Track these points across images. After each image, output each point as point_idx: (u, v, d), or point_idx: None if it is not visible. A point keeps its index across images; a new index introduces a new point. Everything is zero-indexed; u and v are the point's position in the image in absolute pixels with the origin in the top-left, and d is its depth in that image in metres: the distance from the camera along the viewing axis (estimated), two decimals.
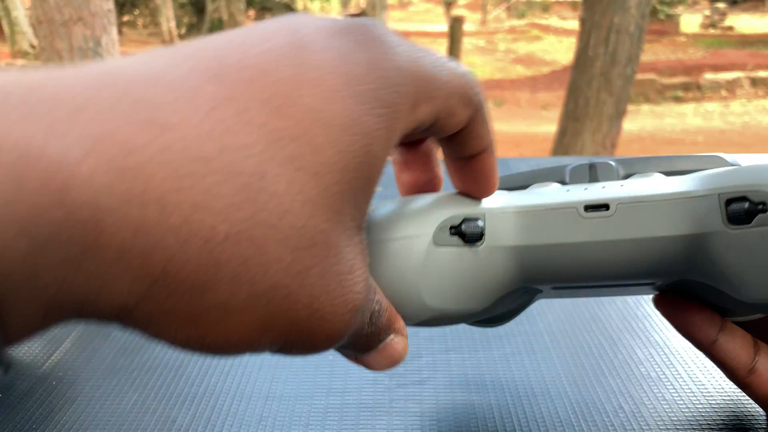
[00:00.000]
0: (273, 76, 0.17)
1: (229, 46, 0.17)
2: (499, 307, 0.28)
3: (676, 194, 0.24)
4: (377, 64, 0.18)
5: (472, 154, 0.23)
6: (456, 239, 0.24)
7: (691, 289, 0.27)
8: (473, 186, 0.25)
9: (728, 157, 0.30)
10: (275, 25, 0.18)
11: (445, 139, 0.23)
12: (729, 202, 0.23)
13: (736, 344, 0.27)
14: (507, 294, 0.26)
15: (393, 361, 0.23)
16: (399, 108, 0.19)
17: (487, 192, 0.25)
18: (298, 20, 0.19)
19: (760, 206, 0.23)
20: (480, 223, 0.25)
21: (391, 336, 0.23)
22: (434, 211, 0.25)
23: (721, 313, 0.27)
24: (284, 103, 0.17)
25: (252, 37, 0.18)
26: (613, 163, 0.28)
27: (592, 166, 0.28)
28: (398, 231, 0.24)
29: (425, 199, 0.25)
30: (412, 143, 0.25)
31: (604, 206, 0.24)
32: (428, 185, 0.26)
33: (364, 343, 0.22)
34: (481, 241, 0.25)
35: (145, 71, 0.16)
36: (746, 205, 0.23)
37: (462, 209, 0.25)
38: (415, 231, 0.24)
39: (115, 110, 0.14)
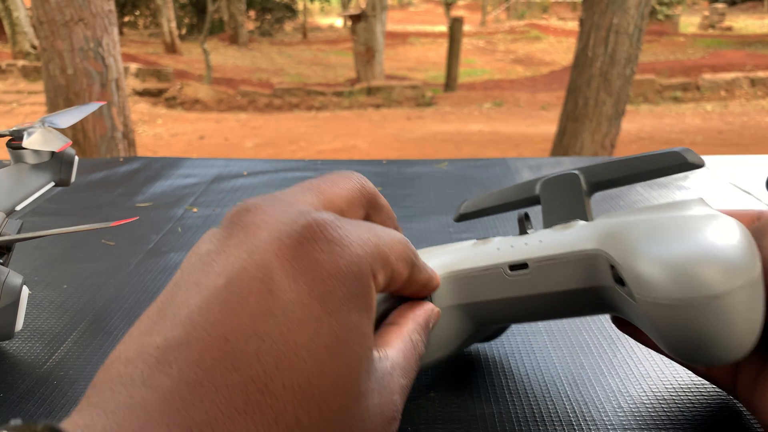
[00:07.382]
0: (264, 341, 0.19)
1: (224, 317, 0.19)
2: (472, 340, 0.34)
3: (580, 252, 0.28)
4: (339, 269, 0.21)
5: (412, 294, 0.28)
6: None
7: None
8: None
9: (691, 156, 0.31)
10: (245, 273, 0.20)
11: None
12: (612, 266, 0.27)
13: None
14: (470, 335, 0.32)
15: None
16: (366, 293, 0.21)
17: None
18: (259, 255, 0.20)
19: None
20: None
21: None
22: None
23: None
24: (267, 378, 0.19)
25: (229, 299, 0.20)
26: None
27: (521, 220, 0.32)
28: None
29: None
30: None
31: (524, 265, 0.29)
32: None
33: None
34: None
35: None
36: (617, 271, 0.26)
37: None
38: None
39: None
